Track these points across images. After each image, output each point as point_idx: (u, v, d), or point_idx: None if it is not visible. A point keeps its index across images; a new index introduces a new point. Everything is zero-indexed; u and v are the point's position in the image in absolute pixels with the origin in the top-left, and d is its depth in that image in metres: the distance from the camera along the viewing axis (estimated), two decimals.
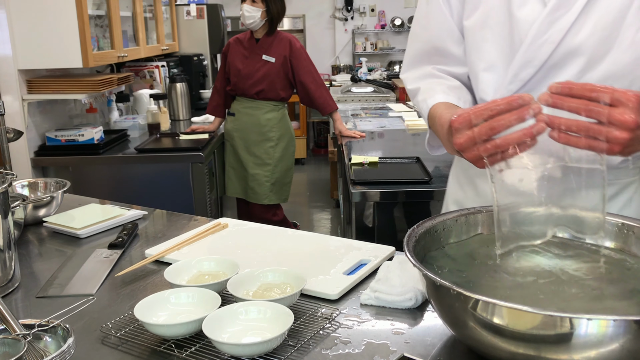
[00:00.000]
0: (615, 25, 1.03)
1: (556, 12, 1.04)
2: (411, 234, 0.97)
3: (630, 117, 0.79)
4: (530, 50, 1.07)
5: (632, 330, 0.73)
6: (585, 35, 1.03)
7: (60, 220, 1.55)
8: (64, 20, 2.78)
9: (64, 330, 0.90)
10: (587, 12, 1.03)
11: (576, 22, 1.04)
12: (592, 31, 1.03)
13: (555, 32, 1.04)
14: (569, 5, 1.04)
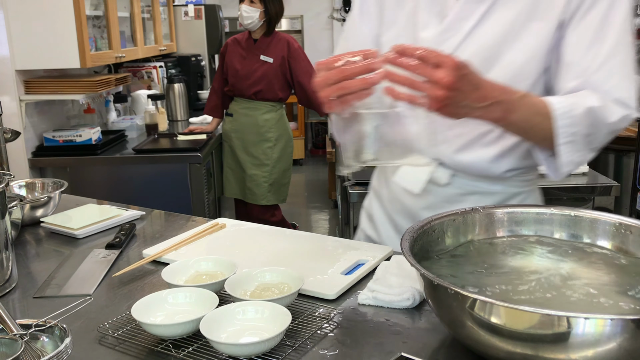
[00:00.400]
0: (495, 47, 1.15)
1: (445, 34, 1.17)
2: (408, 234, 0.97)
3: (447, 77, 0.92)
4: None
5: (629, 329, 0.73)
6: (469, 55, 1.10)
7: (58, 220, 1.55)
8: (61, 21, 2.77)
9: (61, 331, 0.89)
10: (472, 36, 1.16)
11: (461, 44, 1.16)
12: (475, 52, 1.14)
13: (445, 50, 1.09)
14: (457, 28, 1.16)
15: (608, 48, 1.10)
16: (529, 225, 1.09)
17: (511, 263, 1.02)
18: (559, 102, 1.07)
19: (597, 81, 1.10)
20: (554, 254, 1.03)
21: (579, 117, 1.07)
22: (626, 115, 1.10)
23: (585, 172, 2.50)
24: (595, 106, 1.07)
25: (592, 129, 1.09)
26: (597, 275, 0.97)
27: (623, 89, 1.11)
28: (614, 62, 1.11)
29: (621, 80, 1.11)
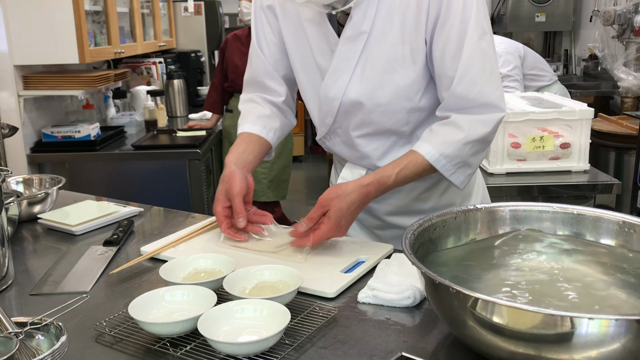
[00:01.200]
0: (381, 76, 1.25)
1: (334, 75, 1.28)
2: (409, 232, 0.96)
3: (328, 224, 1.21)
4: (324, 106, 1.33)
5: (633, 330, 0.72)
6: (360, 90, 1.28)
7: (55, 216, 1.53)
8: (60, 16, 2.75)
9: (56, 329, 0.88)
10: (357, 72, 1.27)
11: (351, 81, 1.28)
12: (363, 86, 1.27)
13: (337, 90, 1.29)
14: (343, 69, 1.27)
15: (465, 59, 1.19)
16: (531, 222, 1.07)
17: (514, 261, 1.01)
18: (427, 153, 1.22)
19: (462, 92, 1.20)
20: (559, 252, 1.02)
21: (453, 152, 1.21)
22: (495, 117, 1.22)
23: (586, 169, 2.48)
24: (460, 138, 1.21)
25: (471, 150, 1.22)
26: (602, 274, 0.96)
27: (486, 94, 1.21)
28: (472, 71, 1.19)
29: (483, 86, 1.20)
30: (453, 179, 1.25)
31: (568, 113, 2.42)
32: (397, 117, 1.29)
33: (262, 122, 1.43)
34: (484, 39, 1.19)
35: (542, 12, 5.32)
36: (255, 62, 1.46)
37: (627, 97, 4.16)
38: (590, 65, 5.07)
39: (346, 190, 1.21)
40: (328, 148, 1.45)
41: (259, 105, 1.46)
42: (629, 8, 3.98)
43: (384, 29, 1.23)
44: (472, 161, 1.25)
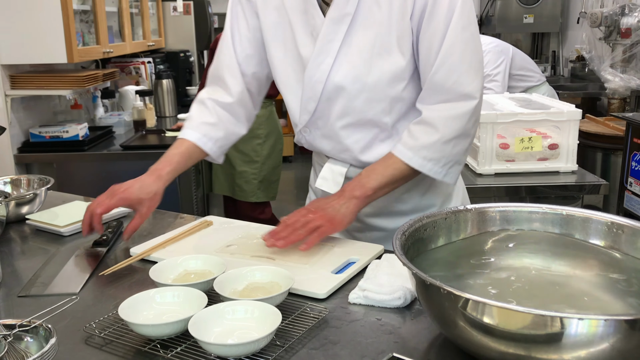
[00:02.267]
0: (366, 61, 1.25)
1: (318, 58, 1.27)
2: (400, 232, 0.96)
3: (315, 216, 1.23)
4: (308, 88, 1.31)
5: (622, 329, 0.72)
6: (343, 73, 1.27)
7: (44, 217, 1.52)
8: (48, 15, 2.73)
9: (46, 331, 0.88)
10: (341, 55, 1.26)
11: (334, 64, 1.27)
12: (347, 69, 1.26)
13: (321, 74, 1.28)
14: (327, 51, 1.26)
15: (446, 47, 1.20)
16: (521, 223, 1.08)
17: (505, 262, 1.01)
18: (410, 159, 1.24)
19: (440, 79, 1.22)
20: (548, 253, 1.03)
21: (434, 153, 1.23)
22: (468, 106, 1.23)
23: (574, 170, 2.50)
24: (436, 138, 1.22)
25: (453, 148, 1.24)
26: (591, 274, 0.96)
27: (464, 83, 1.22)
28: (452, 59, 1.21)
29: (461, 75, 1.22)
30: (447, 179, 1.27)
31: (556, 114, 2.43)
32: (380, 105, 1.29)
33: (203, 130, 1.41)
34: (467, 29, 1.21)
35: (530, 14, 5.36)
36: (222, 54, 1.43)
37: (614, 99, 4.20)
38: (578, 67, 5.11)
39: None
40: (308, 143, 1.42)
41: (207, 111, 1.43)
42: (615, 10, 4.01)
43: (369, 12, 1.23)
44: (459, 157, 1.27)
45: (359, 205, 1.25)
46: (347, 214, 1.24)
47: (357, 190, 1.25)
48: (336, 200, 1.25)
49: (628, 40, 3.94)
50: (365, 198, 1.25)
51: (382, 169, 1.26)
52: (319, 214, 1.23)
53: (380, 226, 1.42)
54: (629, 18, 3.93)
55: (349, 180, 1.37)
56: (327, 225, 1.22)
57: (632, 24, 3.90)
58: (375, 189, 1.25)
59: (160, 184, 1.34)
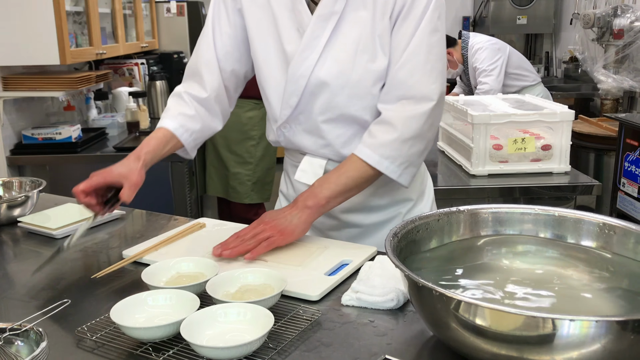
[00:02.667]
0: (350, 58, 1.28)
1: (304, 53, 1.29)
2: (393, 234, 0.96)
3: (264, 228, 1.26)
4: (291, 82, 1.32)
5: (614, 330, 0.72)
6: (327, 69, 1.29)
7: (36, 220, 1.51)
8: (40, 16, 2.72)
9: (36, 334, 0.87)
10: (327, 51, 1.29)
11: (319, 60, 1.29)
12: (331, 65, 1.29)
13: (305, 69, 1.30)
14: (313, 46, 1.28)
15: (412, 48, 1.25)
16: (513, 225, 1.08)
17: (496, 263, 1.01)
18: (368, 156, 1.26)
19: (402, 77, 1.26)
20: (541, 255, 1.03)
21: (392, 152, 1.25)
22: (425, 107, 1.26)
23: (567, 171, 2.51)
24: (395, 136, 1.25)
25: (410, 149, 1.27)
26: (583, 275, 0.97)
27: (424, 83, 1.26)
28: (415, 61, 1.25)
29: (422, 76, 1.25)
30: (401, 180, 1.29)
31: (549, 115, 2.44)
32: (362, 102, 1.31)
33: (180, 120, 1.40)
34: (434, 35, 1.25)
35: (523, 15, 5.38)
36: (201, 49, 1.42)
37: (607, 99, 4.21)
38: (571, 68, 5.13)
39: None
40: (287, 139, 1.41)
41: (185, 103, 1.42)
42: (608, 11, 4.03)
43: (356, 11, 1.26)
44: (414, 159, 1.29)
45: (312, 215, 1.26)
46: (298, 224, 1.25)
47: (310, 200, 1.26)
48: (288, 211, 1.26)
49: (620, 41, 3.96)
50: (318, 208, 1.26)
51: (336, 177, 1.27)
52: (269, 225, 1.25)
53: (356, 222, 1.43)
54: (621, 19, 3.95)
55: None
56: (277, 236, 1.24)
57: (624, 25, 3.92)
58: (328, 198, 1.26)
59: (139, 162, 1.30)
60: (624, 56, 4.00)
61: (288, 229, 1.25)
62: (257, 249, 1.22)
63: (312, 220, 1.28)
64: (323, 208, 1.27)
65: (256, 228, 1.26)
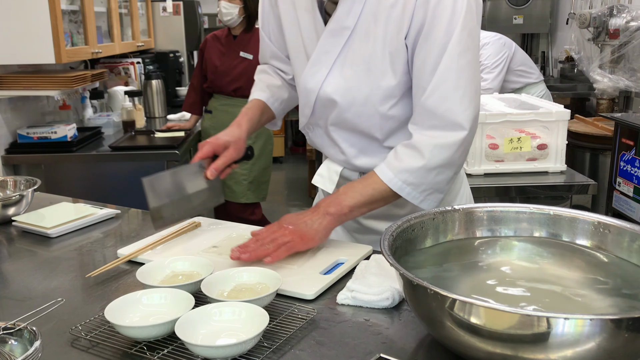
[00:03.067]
0: (358, 76, 1.24)
1: (313, 67, 1.29)
2: (388, 233, 0.96)
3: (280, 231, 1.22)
4: (303, 96, 1.34)
5: (608, 329, 0.72)
6: (334, 86, 1.27)
7: (30, 219, 1.51)
8: (36, 15, 2.71)
9: (30, 333, 0.87)
10: (336, 68, 1.27)
11: (328, 75, 1.27)
12: (339, 82, 1.27)
13: (314, 84, 1.30)
14: (322, 61, 1.27)
15: (440, 73, 1.16)
16: (508, 223, 1.08)
17: (493, 262, 1.01)
18: (390, 181, 1.21)
19: (431, 105, 1.18)
20: (536, 253, 1.03)
21: (416, 179, 1.20)
22: (458, 137, 1.18)
23: (563, 170, 2.52)
24: (421, 164, 1.19)
25: (436, 176, 1.21)
26: (578, 274, 0.97)
27: (455, 112, 1.18)
28: (445, 86, 1.17)
29: (453, 104, 1.17)
30: (423, 205, 1.23)
31: (545, 114, 2.44)
32: (370, 120, 1.28)
33: (271, 90, 1.48)
34: (464, 56, 1.16)
35: (519, 15, 5.38)
36: (262, 45, 1.51)
37: (603, 99, 4.22)
38: (567, 67, 5.14)
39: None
40: (310, 140, 1.44)
41: (271, 75, 1.51)
42: (604, 11, 4.04)
43: (368, 27, 1.21)
44: (440, 186, 1.23)
45: (333, 222, 1.23)
46: (319, 230, 1.21)
47: (333, 207, 1.22)
48: (309, 216, 1.23)
49: (616, 41, 3.97)
50: (340, 216, 1.23)
51: (362, 187, 1.23)
52: (289, 229, 1.21)
53: (376, 229, 1.42)
54: (617, 19, 3.95)
55: (344, 180, 1.38)
56: (296, 241, 1.20)
57: (620, 24, 3.93)
58: (351, 207, 1.22)
59: (242, 130, 1.38)
60: (619, 56, 4.01)
61: (308, 234, 1.21)
62: (276, 253, 1.18)
63: (333, 227, 1.24)
64: (345, 217, 1.23)
65: (276, 232, 1.22)
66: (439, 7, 1.14)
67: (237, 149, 1.35)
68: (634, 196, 2.89)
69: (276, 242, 1.20)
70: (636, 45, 3.89)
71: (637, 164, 2.86)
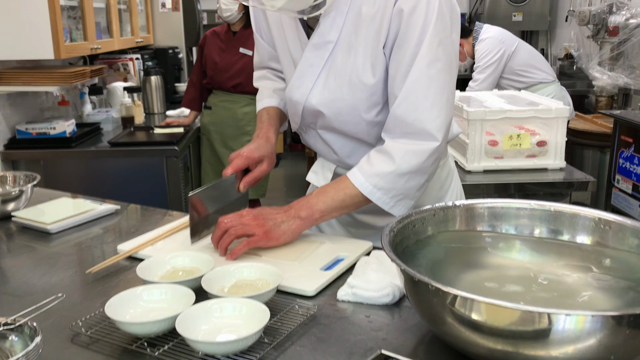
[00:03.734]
0: (341, 87, 1.25)
1: (299, 80, 1.30)
2: (389, 229, 0.96)
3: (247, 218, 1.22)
4: (290, 106, 1.36)
5: (609, 325, 0.73)
6: (319, 98, 1.29)
7: (30, 214, 1.51)
8: (35, 11, 2.70)
9: (30, 329, 0.87)
10: (320, 80, 1.28)
11: (313, 88, 1.29)
12: (324, 95, 1.28)
13: (300, 96, 1.31)
14: (307, 74, 1.28)
15: (410, 82, 1.17)
16: (509, 219, 1.08)
17: (493, 258, 1.01)
18: (361, 185, 1.21)
19: (401, 114, 1.19)
20: (537, 251, 1.03)
21: (387, 184, 1.20)
22: (429, 146, 1.19)
23: (562, 167, 2.52)
24: (392, 169, 1.19)
25: (407, 182, 1.21)
26: (579, 271, 0.97)
27: (425, 120, 1.18)
28: (414, 95, 1.18)
29: (423, 113, 1.18)
30: (393, 211, 1.22)
31: (544, 111, 2.44)
32: (357, 127, 1.30)
33: (278, 95, 1.48)
34: (434, 65, 1.16)
35: (519, 12, 5.38)
36: (259, 48, 1.50)
37: (602, 96, 4.22)
38: (566, 65, 5.14)
39: None
40: (304, 140, 1.46)
41: (273, 80, 1.52)
42: (603, 8, 4.04)
43: (349, 40, 1.22)
44: (411, 192, 1.23)
45: (302, 226, 1.23)
46: (286, 231, 1.22)
47: (304, 211, 1.23)
48: (280, 215, 1.23)
49: (616, 38, 3.97)
50: (311, 221, 1.23)
51: (334, 192, 1.23)
52: (257, 222, 1.20)
53: (370, 223, 1.42)
54: (616, 16, 3.95)
55: (337, 177, 1.37)
56: (261, 236, 1.20)
57: (619, 22, 3.93)
58: (323, 212, 1.23)
59: (272, 143, 1.41)
60: (619, 53, 4.01)
61: (274, 233, 1.21)
62: (237, 248, 1.18)
63: (301, 231, 1.24)
64: (315, 221, 1.24)
65: (243, 218, 1.21)
66: (412, 17, 1.15)
67: (270, 163, 1.38)
68: (632, 193, 2.90)
69: (242, 229, 1.19)
70: (635, 42, 3.89)
71: (636, 161, 2.86)
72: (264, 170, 1.37)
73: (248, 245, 1.19)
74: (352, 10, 1.21)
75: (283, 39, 1.34)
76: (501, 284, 0.93)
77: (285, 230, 1.22)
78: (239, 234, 1.19)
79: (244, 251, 1.19)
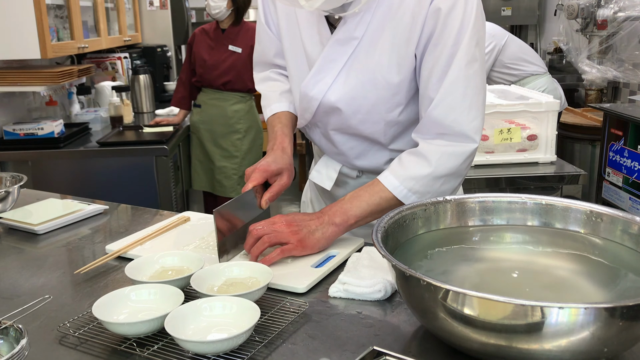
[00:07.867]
0: (364, 85, 1.22)
1: (317, 75, 1.26)
2: (380, 225, 0.95)
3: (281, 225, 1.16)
4: (304, 102, 1.31)
5: (602, 317, 0.72)
6: (339, 95, 1.25)
7: (17, 216, 1.49)
8: (20, 10, 2.67)
9: (16, 331, 0.85)
10: (341, 76, 1.24)
11: (333, 84, 1.25)
12: (344, 92, 1.24)
13: (317, 92, 1.27)
14: (327, 69, 1.24)
15: (448, 83, 1.14)
16: (501, 213, 1.08)
17: (485, 252, 1.01)
18: (395, 188, 1.17)
19: (438, 116, 1.16)
20: (529, 243, 1.03)
21: (422, 187, 1.17)
22: (467, 149, 1.17)
23: (553, 161, 2.52)
24: (428, 172, 1.16)
25: (442, 185, 1.18)
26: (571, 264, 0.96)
27: (462, 122, 1.16)
28: (452, 96, 1.15)
29: (460, 114, 1.16)
30: None
31: (534, 105, 2.44)
32: (375, 127, 1.27)
33: (286, 98, 1.42)
34: (471, 66, 1.14)
35: (507, 6, 5.39)
36: (264, 40, 1.42)
37: (591, 90, 4.24)
38: (556, 59, 5.16)
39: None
40: (309, 136, 1.43)
41: (277, 81, 1.45)
42: (591, 2, 4.05)
43: (375, 37, 1.19)
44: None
45: (336, 233, 1.19)
46: (320, 239, 1.17)
47: (338, 217, 1.18)
48: (314, 221, 1.18)
49: (604, 32, 3.98)
50: (346, 227, 1.19)
51: (368, 196, 1.19)
52: (291, 229, 1.16)
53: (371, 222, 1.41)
54: (604, 10, 3.96)
55: (342, 176, 1.38)
56: (295, 244, 1.15)
57: (608, 15, 3.93)
58: (358, 217, 1.18)
59: (288, 154, 1.32)
60: (607, 47, 4.02)
61: (309, 241, 1.16)
62: (271, 256, 1.14)
63: (335, 238, 1.19)
64: (350, 227, 1.20)
65: (275, 226, 1.16)
66: (450, 16, 1.12)
67: (290, 176, 1.30)
68: (623, 186, 2.91)
69: (275, 238, 1.15)
70: (624, 35, 3.91)
71: (626, 154, 2.87)
72: (285, 184, 1.29)
73: (282, 254, 1.15)
74: (380, 8, 1.17)
75: (295, 34, 1.30)
76: (493, 277, 0.92)
77: (319, 237, 1.17)
78: (272, 242, 1.14)
79: (277, 259, 1.14)
